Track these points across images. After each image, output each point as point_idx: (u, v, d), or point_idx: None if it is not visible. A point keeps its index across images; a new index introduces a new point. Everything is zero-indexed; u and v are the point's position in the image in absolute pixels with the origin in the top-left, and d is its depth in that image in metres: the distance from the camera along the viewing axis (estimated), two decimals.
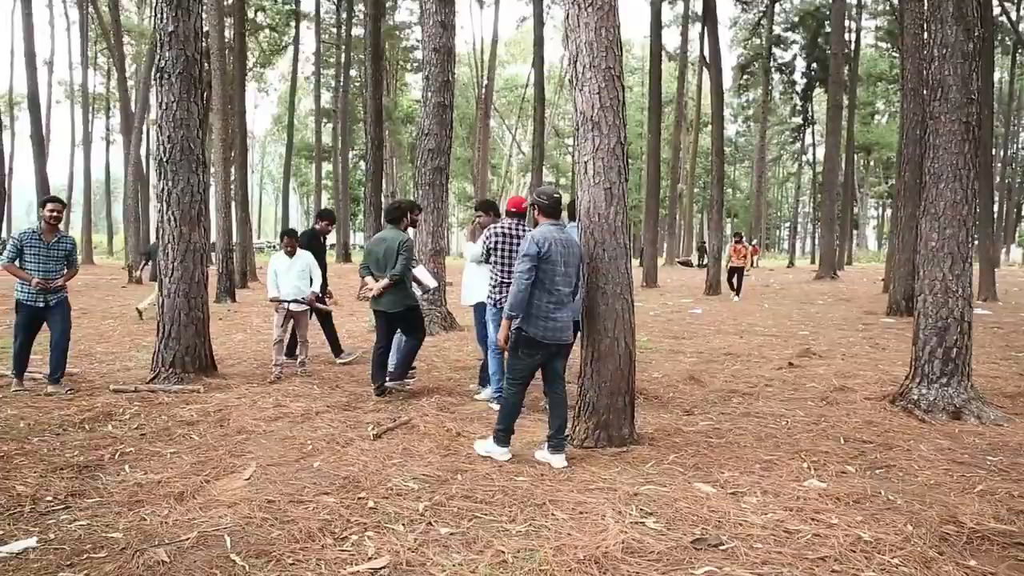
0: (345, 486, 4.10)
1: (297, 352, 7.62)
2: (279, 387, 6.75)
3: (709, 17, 19.42)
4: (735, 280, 18.29)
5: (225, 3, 21.32)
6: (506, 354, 4.79)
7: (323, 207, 39.65)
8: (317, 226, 8.37)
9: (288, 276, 7.23)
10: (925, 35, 6.03)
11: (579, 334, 5.20)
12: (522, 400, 4.70)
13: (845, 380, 7.15)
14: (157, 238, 7.18)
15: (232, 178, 20.10)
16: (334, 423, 5.50)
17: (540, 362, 4.62)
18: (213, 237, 16.62)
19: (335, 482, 4.16)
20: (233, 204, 20.13)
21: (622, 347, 4.75)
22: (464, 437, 5.15)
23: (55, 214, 6.33)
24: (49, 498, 3.86)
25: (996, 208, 35.62)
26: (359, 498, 3.91)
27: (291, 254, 7.28)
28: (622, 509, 3.75)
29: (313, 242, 8.00)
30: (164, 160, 6.82)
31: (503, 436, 4.65)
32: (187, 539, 3.35)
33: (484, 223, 6.44)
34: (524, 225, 5.96)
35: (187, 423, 5.44)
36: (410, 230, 7.17)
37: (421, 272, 7.53)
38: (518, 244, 5.61)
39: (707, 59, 20.47)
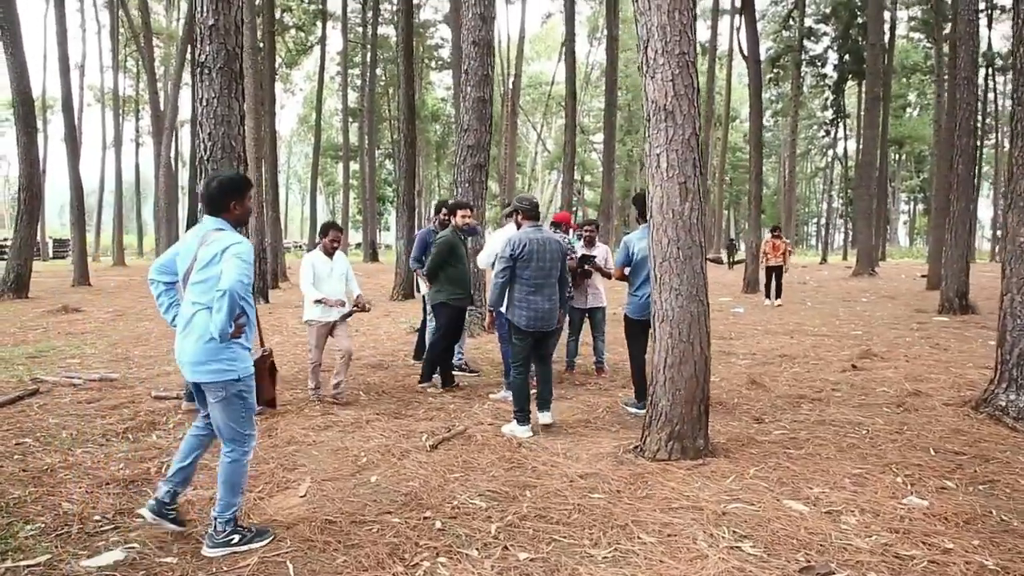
0: (408, 503, 3.83)
1: (335, 374, 6.23)
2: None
3: (747, 8, 18.93)
4: (772, 281, 15.51)
5: (256, 2, 21.27)
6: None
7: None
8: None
9: (330, 281, 6.29)
10: (1013, 18, 5.62)
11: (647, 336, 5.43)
12: (527, 381, 5.37)
13: (917, 384, 6.75)
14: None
15: (263, 178, 20.05)
16: (386, 432, 5.24)
17: (531, 345, 5.38)
18: (251, 238, 16.54)
19: (396, 499, 3.90)
20: (264, 204, 20.08)
21: (697, 352, 4.43)
22: (526, 448, 4.86)
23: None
24: (97, 517, 3.64)
25: None
26: (424, 517, 3.64)
27: (332, 252, 6.41)
28: (713, 531, 3.43)
29: None
30: (205, 158, 6.61)
31: (521, 416, 5.24)
32: (246, 566, 3.10)
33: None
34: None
35: None
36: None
37: None
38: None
39: (744, 51, 19.96)
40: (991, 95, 46.11)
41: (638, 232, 5.79)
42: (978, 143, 13.04)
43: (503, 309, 5.48)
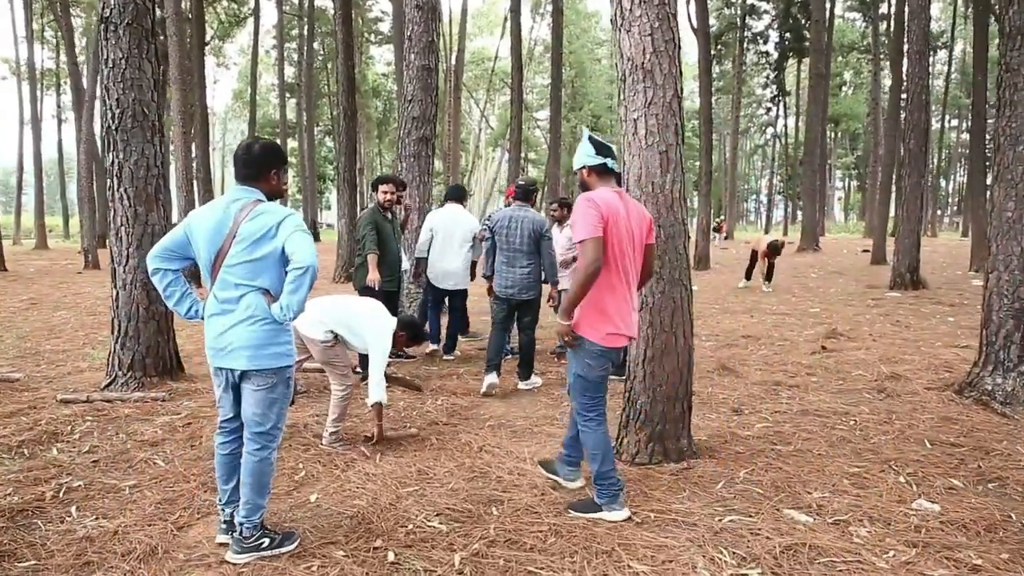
0: (355, 529, 3.25)
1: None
2: None
3: None
4: (752, 267, 14.20)
5: None
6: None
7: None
8: None
9: None
10: None
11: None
12: (501, 338, 6.04)
13: (893, 367, 6.45)
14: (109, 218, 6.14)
15: (193, 155, 18.86)
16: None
17: (507, 311, 6.05)
18: (175, 217, 15.44)
19: (341, 523, 3.31)
20: (196, 182, 18.91)
21: (680, 344, 3.95)
22: (488, 452, 4.32)
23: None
24: None
25: None
26: (374, 548, 3.07)
27: None
28: (713, 555, 2.96)
29: None
30: (113, 128, 5.80)
31: (487, 368, 5.85)
32: None
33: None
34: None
35: (150, 443, 4.52)
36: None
37: None
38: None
39: (694, 24, 19.60)
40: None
41: None
42: (928, 118, 12.92)
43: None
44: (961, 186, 67.68)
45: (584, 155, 3.38)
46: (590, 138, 3.43)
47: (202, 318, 3.05)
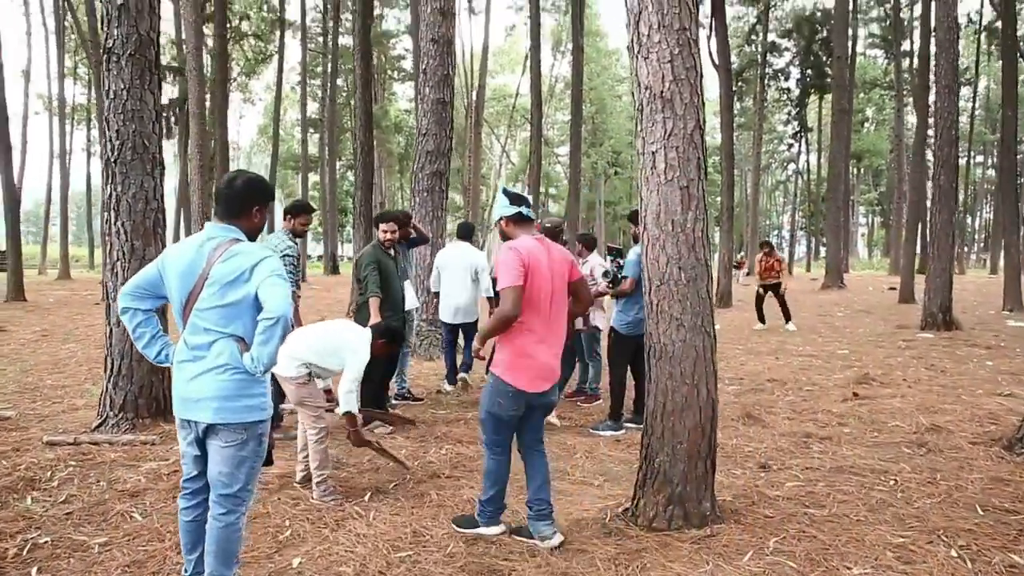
0: None
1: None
2: None
3: (718, 16, 18.40)
4: (763, 302, 13.42)
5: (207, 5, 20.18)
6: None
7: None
8: None
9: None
10: None
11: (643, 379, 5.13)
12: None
13: (932, 417, 6.01)
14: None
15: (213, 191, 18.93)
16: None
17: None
18: None
19: None
20: (213, 215, 18.93)
21: (703, 396, 3.59)
22: None
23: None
24: None
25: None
26: None
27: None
28: None
29: None
30: (112, 159, 5.62)
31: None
32: None
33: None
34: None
35: (131, 493, 4.21)
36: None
37: (406, 289, 6.79)
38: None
39: (715, 60, 19.44)
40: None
41: None
42: (957, 154, 12.55)
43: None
44: (987, 223, 66.69)
45: (500, 207, 3.60)
46: (504, 191, 3.65)
47: (172, 364, 2.77)
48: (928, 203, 15.56)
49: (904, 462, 4.81)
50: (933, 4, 13.82)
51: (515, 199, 3.57)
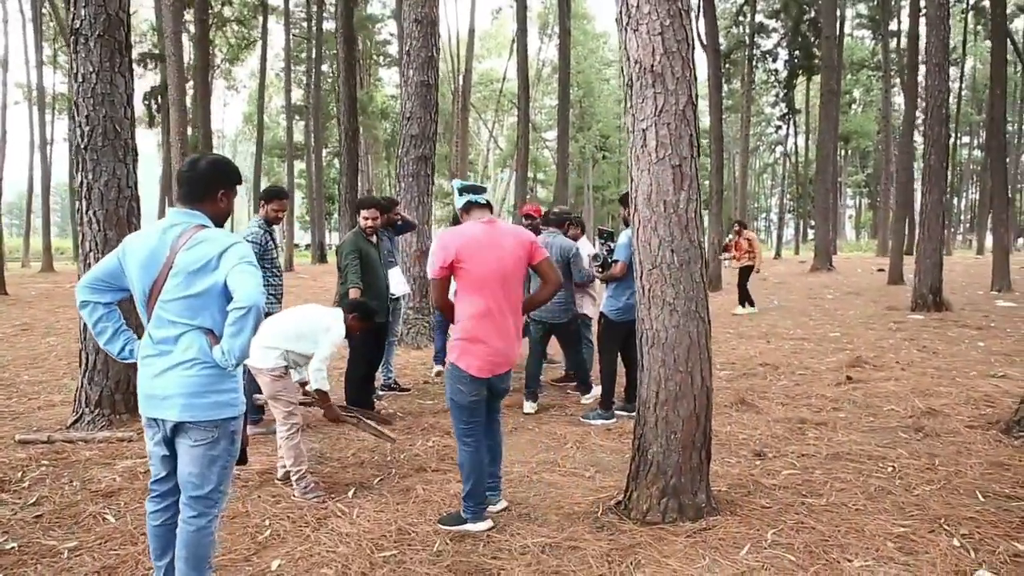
0: None
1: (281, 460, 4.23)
2: None
3: None
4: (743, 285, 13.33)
5: None
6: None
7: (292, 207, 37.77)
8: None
9: None
10: None
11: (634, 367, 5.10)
12: (538, 367, 6.18)
13: (928, 400, 5.91)
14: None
15: None
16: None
17: (543, 334, 6.36)
18: None
19: None
20: None
21: (698, 384, 3.45)
22: None
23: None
24: None
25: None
26: None
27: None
28: None
29: None
30: (82, 146, 5.40)
31: (526, 393, 6.09)
32: None
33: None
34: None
35: (104, 493, 4.05)
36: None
37: (395, 275, 6.59)
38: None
39: (703, 40, 19.23)
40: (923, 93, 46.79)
41: None
42: (948, 133, 12.46)
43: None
44: (973, 203, 66.96)
45: (456, 201, 3.68)
46: (455, 186, 3.71)
47: (137, 359, 2.60)
48: (917, 184, 15.51)
49: (901, 447, 4.71)
50: None
51: (463, 190, 3.64)
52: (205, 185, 2.57)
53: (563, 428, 5.41)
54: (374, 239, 6.07)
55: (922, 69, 27.25)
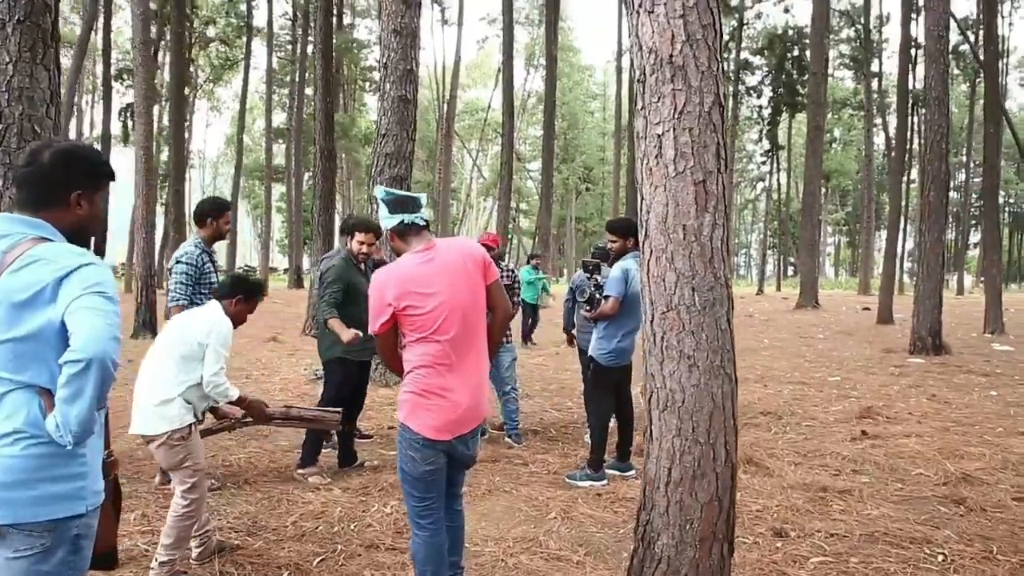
0: None
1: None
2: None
3: None
4: None
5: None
6: None
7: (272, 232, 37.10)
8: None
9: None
10: None
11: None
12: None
13: (959, 463, 5.21)
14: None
15: (168, 193, 17.80)
16: (232, 565, 3.34)
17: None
18: (122, 259, 14.14)
19: None
20: (167, 226, 17.82)
21: (722, 459, 2.72)
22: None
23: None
24: None
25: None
26: None
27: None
28: None
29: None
30: None
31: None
32: None
33: None
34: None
35: None
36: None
37: None
38: None
39: None
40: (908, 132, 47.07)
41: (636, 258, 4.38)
42: (949, 169, 12.01)
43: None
44: (954, 243, 67.47)
45: (382, 218, 2.86)
46: (380, 197, 2.88)
47: None
48: (902, 220, 15.06)
49: (946, 526, 3.98)
50: (923, 15, 13.32)
51: (395, 205, 2.81)
52: (51, 184, 1.82)
53: (546, 491, 4.62)
54: (362, 267, 5.23)
55: (916, 103, 27.17)
